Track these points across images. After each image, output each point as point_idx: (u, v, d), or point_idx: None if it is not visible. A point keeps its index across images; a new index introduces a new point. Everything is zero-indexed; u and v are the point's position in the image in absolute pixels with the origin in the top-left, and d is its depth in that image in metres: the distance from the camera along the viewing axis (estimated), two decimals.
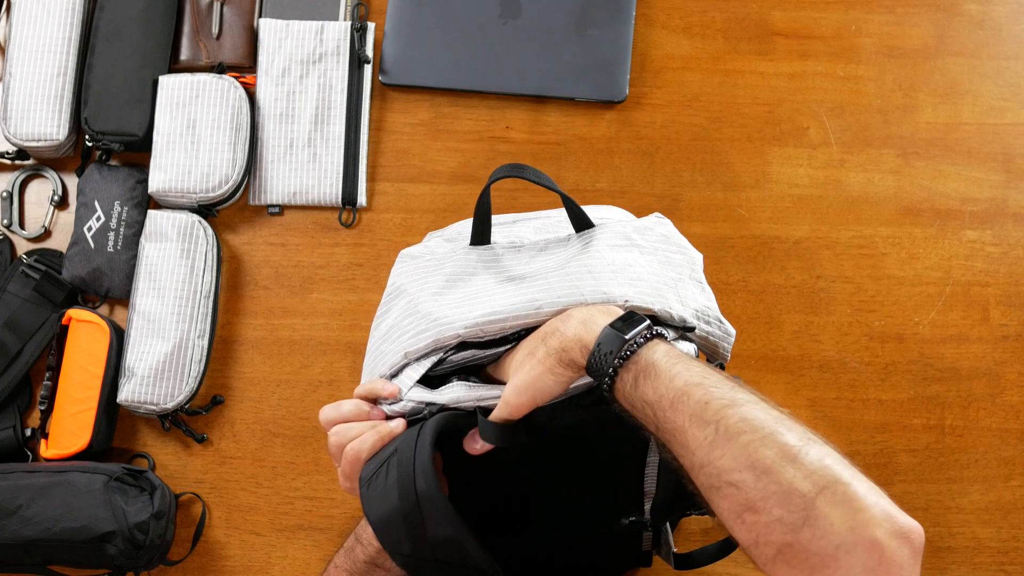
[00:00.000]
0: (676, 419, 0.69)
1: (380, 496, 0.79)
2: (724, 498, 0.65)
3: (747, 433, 0.65)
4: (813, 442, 0.65)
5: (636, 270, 0.87)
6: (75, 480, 1.07)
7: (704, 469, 0.66)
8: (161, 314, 1.14)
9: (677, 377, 0.70)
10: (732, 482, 0.64)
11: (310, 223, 1.23)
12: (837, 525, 0.60)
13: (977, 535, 1.16)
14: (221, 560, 1.15)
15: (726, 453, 0.65)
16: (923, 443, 1.19)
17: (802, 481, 0.62)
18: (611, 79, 1.25)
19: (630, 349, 0.73)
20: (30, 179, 1.24)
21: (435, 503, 0.76)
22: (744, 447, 0.64)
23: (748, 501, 0.64)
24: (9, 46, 1.20)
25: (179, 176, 1.18)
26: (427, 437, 0.79)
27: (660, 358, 0.72)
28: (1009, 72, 1.28)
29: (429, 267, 0.93)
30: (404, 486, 0.77)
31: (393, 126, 1.26)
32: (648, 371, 0.72)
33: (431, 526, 0.77)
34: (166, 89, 1.20)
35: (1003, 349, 1.21)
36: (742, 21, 1.29)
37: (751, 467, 0.64)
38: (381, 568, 0.90)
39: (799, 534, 0.61)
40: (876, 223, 1.24)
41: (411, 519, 0.77)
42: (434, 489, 0.76)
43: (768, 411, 0.67)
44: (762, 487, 0.63)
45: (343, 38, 1.24)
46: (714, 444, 0.66)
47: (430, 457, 0.77)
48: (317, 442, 1.17)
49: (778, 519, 0.62)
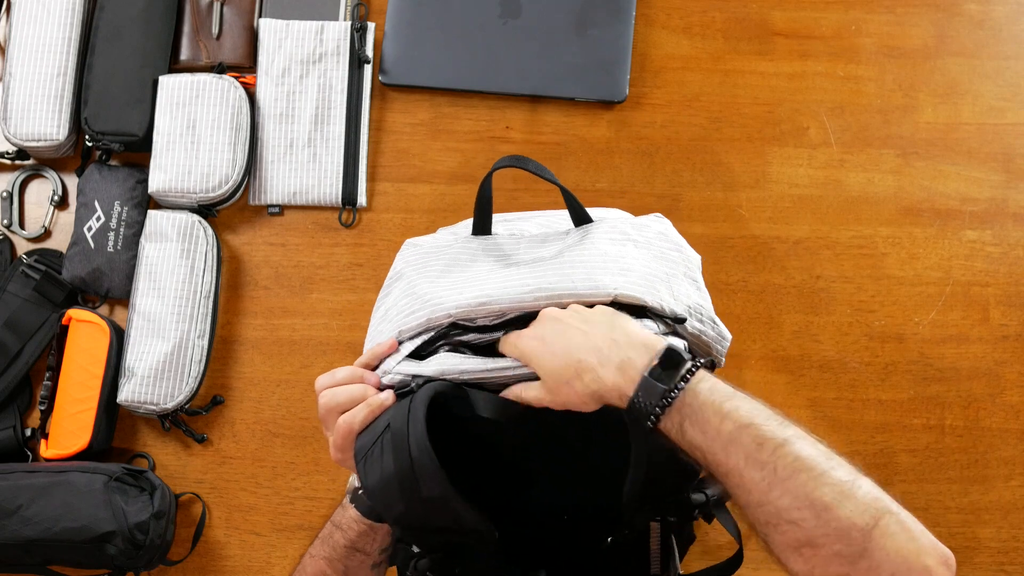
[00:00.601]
0: (729, 462, 0.71)
1: (376, 468, 0.80)
2: (783, 534, 0.68)
3: (803, 472, 0.68)
4: (860, 475, 0.69)
5: (628, 261, 0.88)
6: (75, 480, 1.07)
7: (763, 508, 0.69)
8: (161, 314, 1.14)
9: (726, 420, 0.71)
10: (792, 520, 0.67)
11: (310, 223, 1.23)
12: (892, 555, 0.65)
13: (977, 535, 1.16)
14: (221, 560, 1.15)
15: (785, 493, 0.68)
16: (923, 443, 1.19)
17: (859, 516, 0.66)
18: (611, 79, 1.25)
19: (670, 397, 0.74)
20: (30, 179, 1.24)
21: (428, 470, 0.77)
22: (802, 486, 0.67)
23: (808, 538, 0.67)
24: (9, 46, 1.20)
25: (179, 176, 1.18)
26: (419, 407, 0.80)
27: (706, 400, 0.73)
28: (1009, 72, 1.28)
29: (430, 254, 0.95)
30: (399, 458, 0.78)
31: (393, 126, 1.26)
32: (694, 417, 0.73)
33: (425, 493, 0.78)
34: (166, 89, 1.20)
35: (1003, 349, 1.21)
36: (742, 21, 1.29)
37: (810, 506, 0.67)
38: (361, 552, 0.90)
39: (856, 565, 0.65)
40: (876, 223, 1.24)
41: (406, 486, 0.78)
42: (427, 457, 0.77)
43: (817, 447, 0.70)
44: (823, 524, 0.66)
45: (343, 38, 1.24)
46: (772, 485, 0.68)
47: (423, 426, 0.78)
48: (317, 442, 1.17)
49: (836, 553, 0.66)
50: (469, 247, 0.95)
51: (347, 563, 0.91)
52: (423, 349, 0.87)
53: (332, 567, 0.91)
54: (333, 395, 0.87)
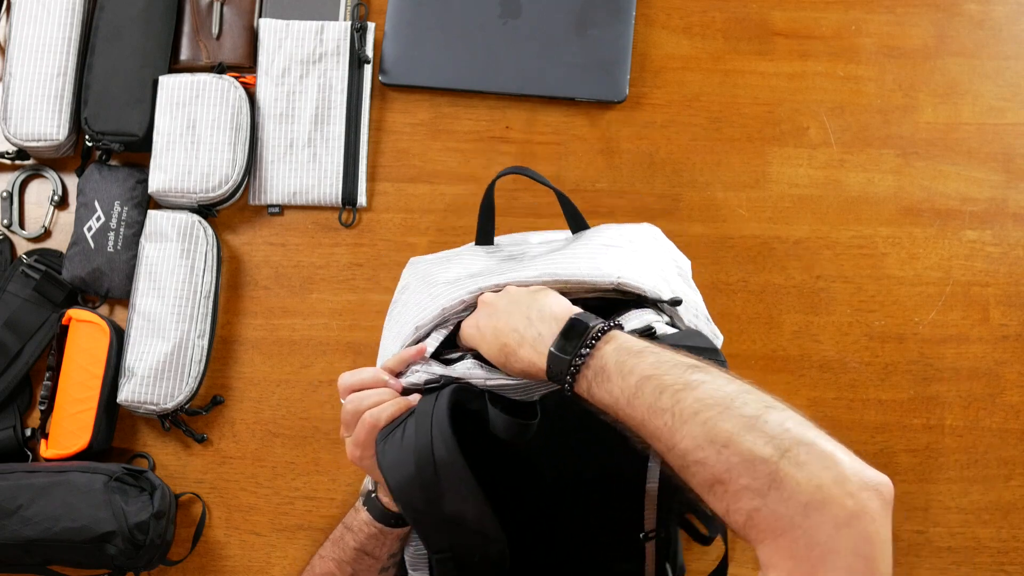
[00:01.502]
0: (635, 415, 0.70)
1: (395, 445, 0.81)
2: (693, 476, 0.67)
3: (703, 412, 0.66)
4: (772, 408, 0.66)
5: (626, 256, 0.91)
6: (75, 480, 1.07)
7: (672, 453, 0.68)
8: (161, 314, 1.14)
9: (629, 375, 0.71)
10: (697, 460, 0.66)
11: (310, 223, 1.23)
12: (803, 484, 0.61)
13: (977, 535, 1.16)
14: (221, 560, 1.15)
15: (686, 436, 0.66)
16: (923, 443, 1.19)
17: (763, 447, 0.63)
18: (611, 79, 1.25)
19: (576, 364, 0.75)
20: (30, 179, 1.24)
21: (447, 446, 0.78)
22: (702, 425, 0.66)
23: (715, 475, 0.65)
24: (9, 46, 1.20)
25: (179, 176, 1.18)
26: (447, 394, 0.81)
27: (610, 360, 0.73)
28: (1009, 72, 1.28)
29: (437, 261, 0.99)
30: (420, 434, 0.79)
31: (393, 126, 1.26)
32: (599, 377, 0.73)
33: (448, 490, 0.79)
34: (166, 89, 1.20)
35: (1003, 349, 1.21)
36: (742, 21, 1.29)
37: (711, 442, 0.65)
38: (370, 556, 0.90)
39: (766, 498, 0.62)
40: (876, 223, 1.24)
41: (422, 462, 0.79)
42: (447, 435, 0.78)
43: (728, 385, 0.68)
44: (724, 459, 0.64)
45: (343, 38, 1.24)
46: (673, 429, 0.67)
47: (447, 408, 0.79)
48: (317, 442, 1.17)
49: (745, 487, 0.63)
50: (475, 253, 0.99)
51: (356, 566, 0.91)
52: (446, 351, 0.88)
53: (341, 569, 0.92)
54: (360, 400, 0.87)
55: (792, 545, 0.62)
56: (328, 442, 1.17)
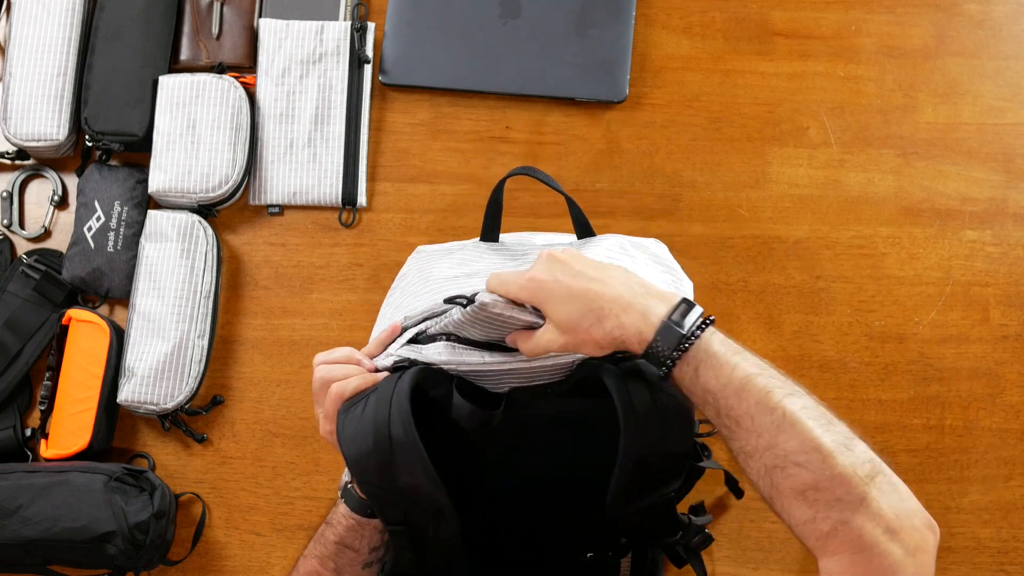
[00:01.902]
0: (741, 406, 0.74)
1: (355, 417, 0.83)
2: (788, 477, 0.71)
3: (809, 420, 0.72)
4: (855, 436, 0.73)
5: (627, 262, 0.92)
6: (75, 480, 1.07)
7: (772, 451, 0.72)
8: (161, 314, 1.14)
9: (738, 368, 0.75)
10: (799, 463, 0.71)
11: (310, 223, 1.23)
12: (886, 510, 0.68)
13: (977, 535, 1.16)
14: (221, 560, 1.15)
15: (793, 436, 0.71)
16: (923, 443, 1.19)
17: (859, 468, 0.70)
18: (611, 79, 1.25)
19: (687, 344, 0.77)
20: (30, 179, 1.24)
21: (403, 420, 0.79)
22: (809, 432, 0.71)
23: (814, 481, 0.70)
24: (9, 46, 1.20)
25: (179, 176, 1.18)
26: (406, 380, 0.82)
27: (718, 349, 0.76)
28: (1009, 72, 1.28)
29: (441, 253, 1.00)
30: (379, 409, 0.81)
31: (393, 126, 1.26)
32: (709, 362, 0.76)
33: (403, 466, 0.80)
34: (166, 89, 1.20)
35: (1003, 349, 1.21)
36: (742, 21, 1.29)
37: (816, 450, 0.70)
38: (351, 549, 0.91)
39: (855, 513, 0.69)
40: (876, 223, 1.24)
41: (380, 433, 0.81)
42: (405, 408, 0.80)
43: (818, 403, 0.75)
44: (828, 468, 0.70)
45: (343, 38, 1.24)
46: (780, 428, 0.72)
47: (409, 387, 0.80)
48: (317, 442, 1.17)
49: (838, 499, 0.69)
50: (478, 248, 1.00)
51: (337, 561, 0.91)
52: (423, 338, 0.88)
53: (323, 565, 0.91)
54: (329, 370, 0.88)
55: (867, 563, 0.68)
56: (328, 442, 1.17)
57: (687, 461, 0.85)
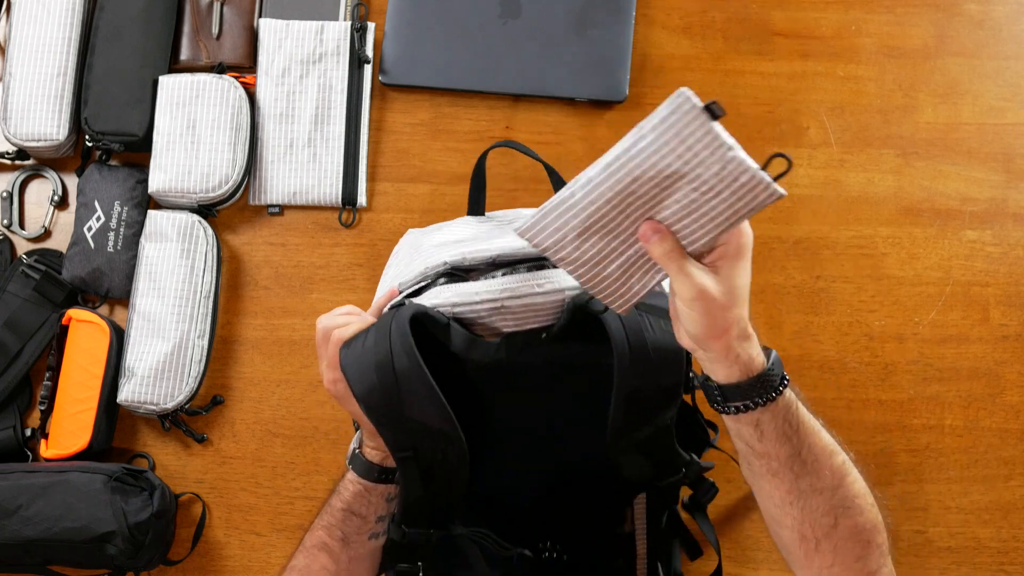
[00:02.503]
0: (821, 443, 0.79)
1: (357, 347, 0.85)
2: (851, 517, 0.78)
3: (861, 474, 0.81)
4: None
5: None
6: (75, 480, 1.07)
7: (840, 491, 0.78)
8: (161, 314, 1.14)
9: (809, 414, 0.81)
10: (861, 506, 0.79)
11: (310, 223, 1.23)
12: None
13: (977, 535, 1.16)
14: (221, 560, 1.15)
15: (855, 481, 0.80)
16: (923, 443, 1.19)
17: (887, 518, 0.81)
18: (611, 79, 1.25)
19: (784, 385, 0.80)
20: (30, 179, 1.24)
21: (405, 347, 0.81)
22: (864, 482, 0.81)
23: (871, 522, 0.79)
24: (9, 46, 1.20)
25: (179, 176, 1.18)
26: (411, 307, 0.84)
27: (795, 395, 0.81)
28: (1009, 72, 1.28)
29: (429, 230, 1.03)
30: (380, 337, 0.83)
31: (393, 126, 1.26)
32: (797, 397, 0.81)
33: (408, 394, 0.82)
34: (166, 89, 1.20)
35: (1003, 349, 1.21)
36: (742, 21, 1.29)
37: (869, 494, 0.80)
38: (356, 515, 0.91)
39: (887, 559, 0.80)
40: (876, 223, 1.24)
41: (381, 359, 0.82)
42: (406, 335, 0.82)
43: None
44: (875, 514, 0.80)
45: (343, 38, 1.24)
46: (846, 470, 0.79)
47: (407, 327, 0.82)
48: (317, 442, 1.17)
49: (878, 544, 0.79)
50: (467, 222, 1.02)
51: (344, 528, 0.92)
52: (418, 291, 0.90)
53: (330, 534, 0.92)
54: (330, 318, 0.90)
55: None
56: (328, 442, 1.17)
57: (679, 391, 0.86)
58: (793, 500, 0.79)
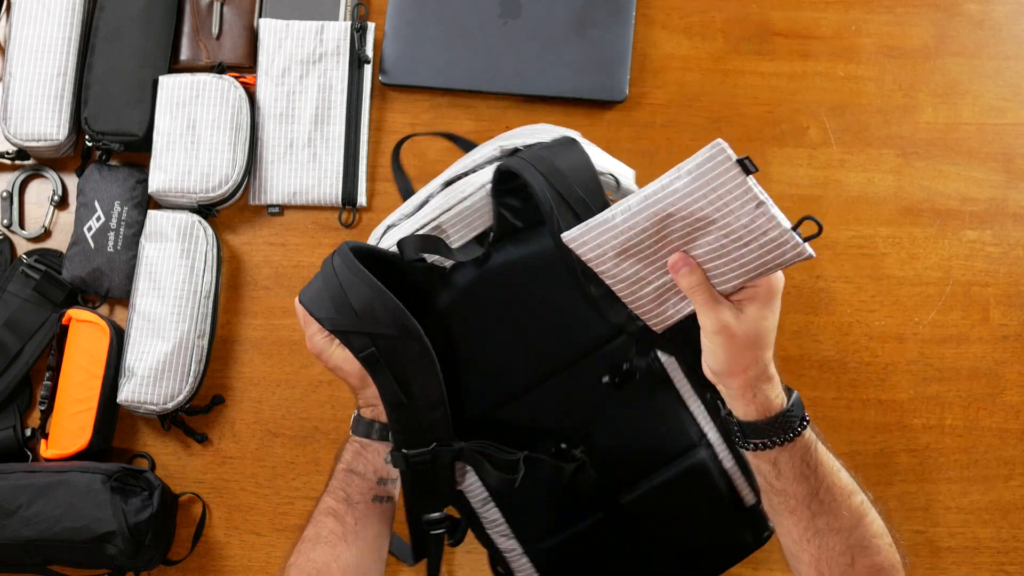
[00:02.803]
0: (841, 482, 0.82)
1: (312, 285, 0.92)
2: (868, 556, 0.80)
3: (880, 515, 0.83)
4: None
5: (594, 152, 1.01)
6: (75, 480, 1.07)
7: (857, 530, 0.80)
8: (161, 314, 1.14)
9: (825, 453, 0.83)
10: (879, 547, 0.81)
11: (310, 223, 1.23)
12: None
13: (977, 535, 1.16)
14: (221, 560, 1.15)
15: (873, 521, 0.82)
16: (923, 443, 1.19)
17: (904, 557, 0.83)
18: (611, 79, 1.25)
19: (804, 425, 0.82)
20: (30, 179, 1.24)
21: (348, 265, 0.89)
22: (883, 520, 0.82)
23: (888, 562, 0.81)
24: (9, 46, 1.20)
25: (179, 176, 1.18)
26: (344, 245, 0.91)
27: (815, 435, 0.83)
28: (1009, 72, 1.28)
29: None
30: (325, 267, 0.91)
31: (393, 126, 1.26)
32: (818, 443, 0.83)
33: (349, 287, 0.89)
34: (166, 89, 1.20)
35: (1003, 349, 1.21)
36: (742, 21, 1.29)
37: (887, 534, 0.82)
38: (356, 474, 0.93)
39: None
40: (876, 223, 1.24)
41: (331, 286, 0.89)
42: (347, 257, 0.89)
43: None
44: (893, 553, 0.81)
45: (343, 38, 1.24)
46: (864, 510, 0.81)
47: (346, 246, 0.90)
48: (317, 442, 1.17)
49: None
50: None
51: (347, 489, 0.93)
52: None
53: (334, 496, 0.93)
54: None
55: None
56: (328, 442, 1.17)
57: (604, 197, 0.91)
58: (810, 537, 0.81)
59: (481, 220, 0.95)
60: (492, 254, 0.95)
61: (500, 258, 0.95)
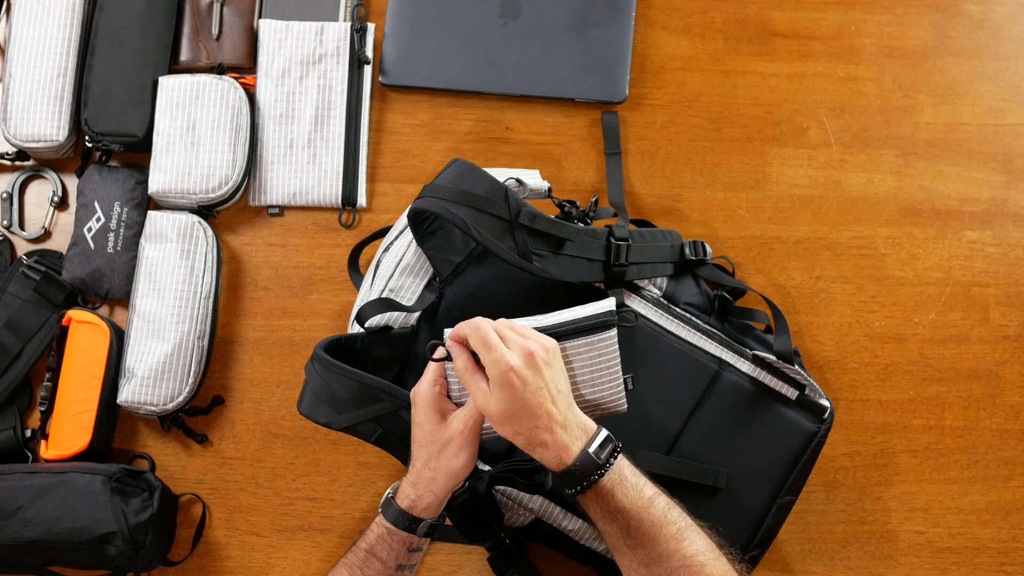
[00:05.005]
0: (652, 518, 0.89)
1: (303, 399, 1.03)
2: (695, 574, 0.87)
3: (701, 530, 0.90)
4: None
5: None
6: (75, 481, 1.07)
7: (677, 553, 0.88)
8: (161, 315, 1.14)
9: (643, 488, 0.90)
10: (700, 562, 0.87)
11: (310, 224, 1.23)
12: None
13: (977, 535, 1.17)
14: (221, 561, 1.15)
15: (693, 541, 0.89)
16: (923, 443, 1.19)
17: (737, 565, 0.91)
18: (611, 79, 1.25)
19: (602, 471, 0.89)
20: (30, 180, 1.24)
21: (322, 362, 0.98)
22: (703, 539, 0.89)
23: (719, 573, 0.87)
24: (9, 47, 1.20)
25: (179, 177, 1.18)
26: (319, 348, 1.01)
27: (627, 473, 0.91)
28: (1009, 72, 1.28)
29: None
30: (307, 371, 1.01)
31: (393, 127, 1.26)
32: (622, 483, 0.90)
33: (333, 381, 0.99)
34: (166, 90, 1.20)
35: (1003, 349, 1.21)
36: (742, 21, 1.29)
37: (711, 550, 0.89)
38: (377, 559, 0.96)
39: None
40: (876, 223, 1.24)
41: (318, 388, 1.00)
42: (320, 355, 0.99)
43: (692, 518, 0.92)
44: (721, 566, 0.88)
45: (343, 39, 1.24)
46: (682, 536, 0.88)
47: (319, 346, 1.01)
48: (317, 443, 1.17)
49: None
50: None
51: (364, 570, 0.96)
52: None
53: (351, 572, 0.96)
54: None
55: None
56: (328, 443, 1.17)
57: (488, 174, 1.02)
58: (636, 568, 0.89)
59: (423, 269, 1.07)
60: (444, 294, 1.07)
61: (452, 293, 1.07)
